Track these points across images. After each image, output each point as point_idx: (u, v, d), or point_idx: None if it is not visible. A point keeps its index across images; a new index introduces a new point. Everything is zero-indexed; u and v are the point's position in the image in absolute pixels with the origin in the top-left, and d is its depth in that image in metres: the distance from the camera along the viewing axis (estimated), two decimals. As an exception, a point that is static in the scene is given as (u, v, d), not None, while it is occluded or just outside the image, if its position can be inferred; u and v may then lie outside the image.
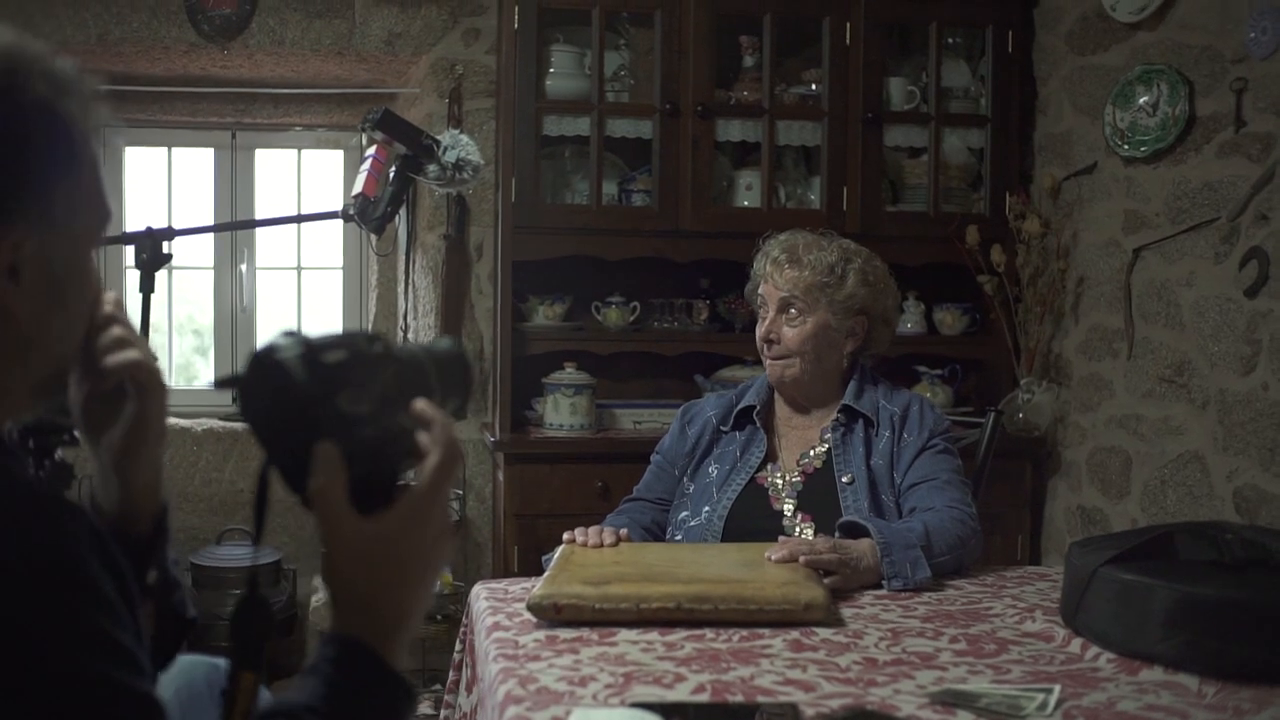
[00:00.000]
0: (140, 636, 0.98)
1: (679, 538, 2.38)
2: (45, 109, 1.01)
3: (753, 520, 2.34)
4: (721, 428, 2.48)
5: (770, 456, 2.43)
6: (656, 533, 2.43)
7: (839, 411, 2.41)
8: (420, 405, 1.06)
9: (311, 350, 1.00)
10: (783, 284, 2.42)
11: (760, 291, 2.47)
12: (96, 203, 1.09)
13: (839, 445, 2.38)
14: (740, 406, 2.48)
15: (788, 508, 2.35)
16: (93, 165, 1.07)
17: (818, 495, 2.35)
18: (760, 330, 2.46)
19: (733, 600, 1.81)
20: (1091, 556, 1.73)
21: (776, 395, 2.51)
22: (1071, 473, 3.91)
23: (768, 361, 2.45)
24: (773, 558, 2.00)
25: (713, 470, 2.43)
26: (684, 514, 2.40)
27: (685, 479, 2.46)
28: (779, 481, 2.39)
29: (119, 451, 1.20)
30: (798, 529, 2.32)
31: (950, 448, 2.40)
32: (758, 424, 2.45)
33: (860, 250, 2.50)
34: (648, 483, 2.52)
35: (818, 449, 2.41)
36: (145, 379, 1.19)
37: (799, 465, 2.40)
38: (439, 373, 1.12)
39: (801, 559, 1.98)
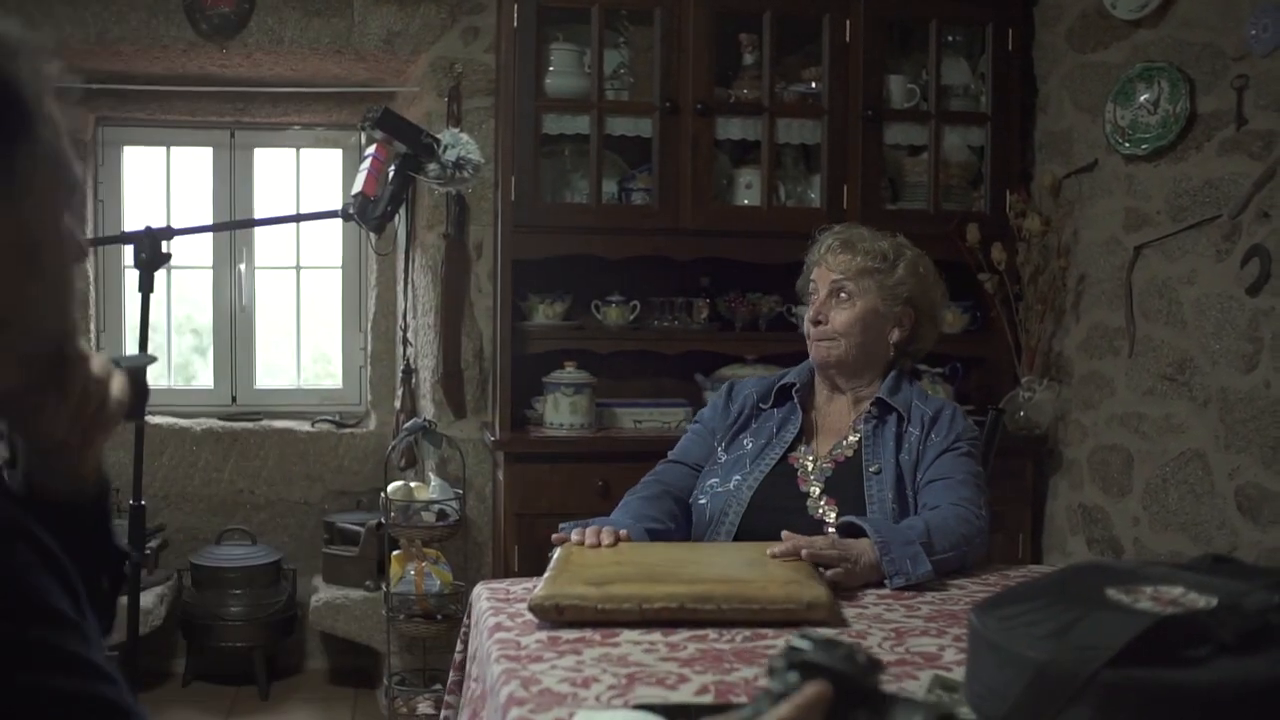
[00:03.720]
0: (98, 635, 0.97)
1: (703, 501, 2.41)
2: None
3: (779, 497, 2.37)
4: (761, 405, 2.53)
5: (805, 435, 2.47)
6: (685, 499, 2.45)
7: (872, 404, 2.44)
8: None
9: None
10: (835, 267, 2.48)
11: (813, 277, 2.52)
12: (60, 169, 1.04)
13: (870, 436, 2.42)
14: (781, 383, 2.52)
15: (814, 490, 2.38)
16: (51, 130, 1.02)
17: (844, 481, 2.38)
18: (810, 313, 2.50)
19: (736, 600, 1.80)
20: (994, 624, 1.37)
21: (817, 380, 2.55)
22: (1073, 471, 3.90)
23: (813, 344, 2.48)
24: (775, 552, 2.00)
25: (748, 443, 2.47)
26: (713, 480, 2.44)
27: (720, 449, 2.48)
28: (809, 464, 2.41)
29: (77, 440, 1.16)
30: (820, 510, 2.34)
31: (973, 452, 2.42)
32: (795, 400, 2.49)
33: (914, 247, 2.57)
34: (685, 447, 2.56)
35: (850, 439, 2.44)
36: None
37: (831, 454, 2.43)
38: None
39: (804, 553, 1.99)
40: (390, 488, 3.78)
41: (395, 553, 3.79)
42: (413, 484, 3.84)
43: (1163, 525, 3.53)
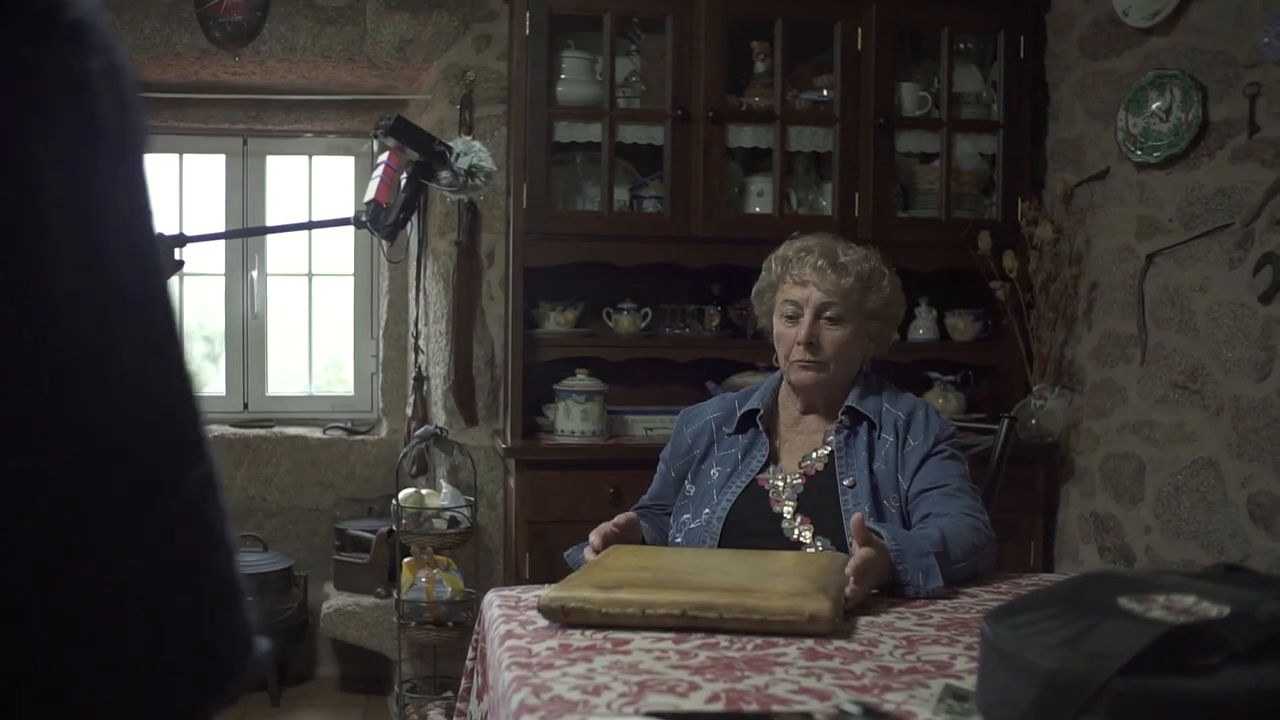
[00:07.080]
0: None
1: (679, 540, 2.37)
2: None
3: (752, 522, 2.32)
4: (724, 429, 2.46)
5: (772, 459, 2.42)
6: (662, 540, 2.42)
7: (842, 414, 2.39)
8: None
9: None
10: (825, 287, 2.37)
11: (792, 296, 2.41)
12: None
13: (842, 448, 2.36)
14: (744, 410, 2.46)
15: (787, 510, 2.33)
16: None
17: (818, 498, 2.33)
18: (799, 334, 2.38)
19: (737, 609, 1.79)
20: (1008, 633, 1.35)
21: (781, 399, 2.49)
22: (1084, 479, 3.89)
23: (796, 366, 2.39)
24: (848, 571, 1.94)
25: (714, 473, 2.42)
26: (685, 516, 2.40)
27: (686, 481, 2.46)
28: (780, 484, 2.37)
29: None
30: (796, 531, 2.30)
31: (957, 454, 2.38)
32: (760, 427, 2.44)
33: (882, 258, 2.51)
34: (654, 491, 2.53)
35: (820, 452, 2.39)
36: None
37: (800, 468, 2.38)
38: None
39: (848, 590, 1.90)
40: (402, 495, 3.79)
41: (406, 560, 3.79)
42: (424, 491, 3.84)
43: (1175, 534, 3.52)
